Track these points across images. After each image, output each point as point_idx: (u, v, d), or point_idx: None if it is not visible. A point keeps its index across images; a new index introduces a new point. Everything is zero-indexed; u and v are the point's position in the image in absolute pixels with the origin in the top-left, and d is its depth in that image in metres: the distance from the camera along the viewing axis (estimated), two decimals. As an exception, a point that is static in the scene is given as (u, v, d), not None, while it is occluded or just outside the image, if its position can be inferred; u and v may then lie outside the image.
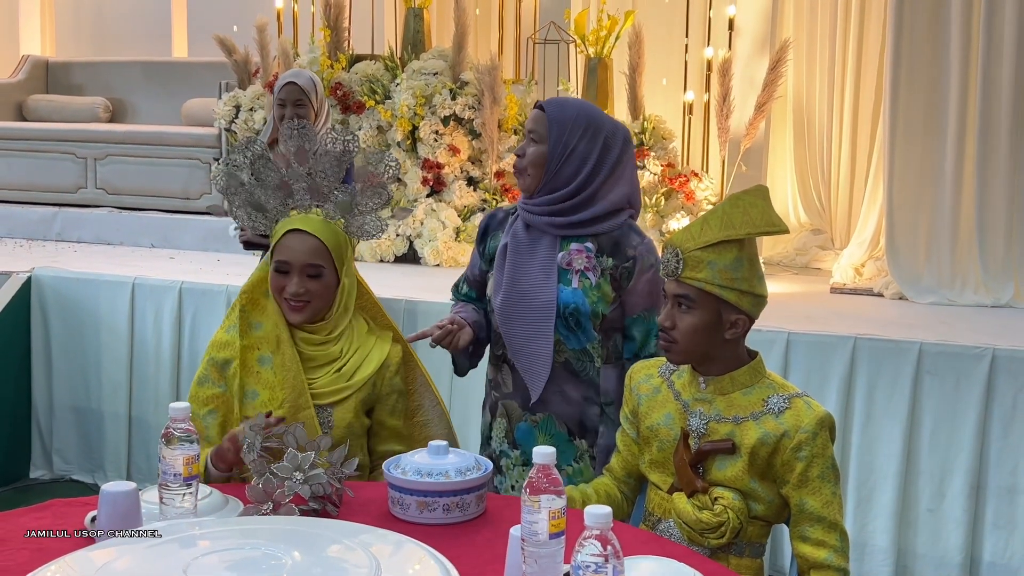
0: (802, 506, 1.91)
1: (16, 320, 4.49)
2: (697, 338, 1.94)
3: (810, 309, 4.21)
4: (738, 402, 1.95)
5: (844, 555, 1.91)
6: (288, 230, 2.22)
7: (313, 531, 1.59)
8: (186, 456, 1.74)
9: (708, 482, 1.95)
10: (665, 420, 2.02)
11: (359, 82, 5.28)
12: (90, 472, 4.52)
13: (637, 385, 2.10)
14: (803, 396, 1.96)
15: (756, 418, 1.93)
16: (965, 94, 4.37)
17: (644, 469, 2.08)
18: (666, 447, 2.01)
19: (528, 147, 2.38)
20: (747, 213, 1.95)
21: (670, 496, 2.00)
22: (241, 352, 2.23)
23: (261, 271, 2.32)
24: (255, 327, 2.26)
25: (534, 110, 2.41)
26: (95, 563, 1.46)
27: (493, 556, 1.68)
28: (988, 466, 3.42)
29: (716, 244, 1.92)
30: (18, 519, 1.89)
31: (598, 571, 1.28)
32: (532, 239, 2.39)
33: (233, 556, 1.45)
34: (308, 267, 2.20)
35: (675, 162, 5.07)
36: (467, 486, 1.90)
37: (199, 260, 5.11)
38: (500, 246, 2.43)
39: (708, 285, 1.91)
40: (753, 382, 1.97)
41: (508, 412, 2.44)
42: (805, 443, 1.89)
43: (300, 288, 2.19)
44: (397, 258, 5.10)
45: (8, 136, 6.22)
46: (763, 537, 2.00)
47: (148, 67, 6.78)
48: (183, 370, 4.29)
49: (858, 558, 3.53)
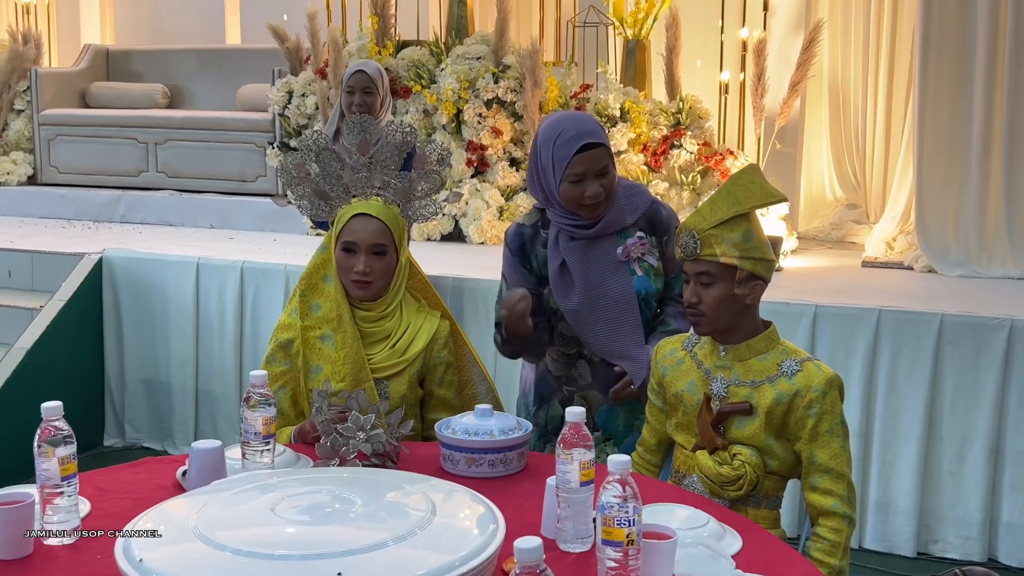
0: (812, 458, 2.09)
1: (89, 298, 4.77)
2: (723, 308, 2.12)
3: (840, 282, 4.37)
4: (755, 367, 2.15)
5: (850, 504, 2.09)
6: (354, 214, 2.45)
7: (375, 480, 1.82)
8: (265, 417, 1.99)
9: (728, 440, 2.15)
10: (689, 387, 2.22)
11: (405, 67, 5.48)
12: (159, 440, 4.82)
13: (663, 359, 2.29)
14: (814, 360, 2.15)
15: (772, 380, 2.12)
16: (993, 71, 4.48)
17: (671, 432, 2.28)
18: (690, 411, 2.21)
19: (604, 181, 2.47)
20: (748, 189, 2.14)
21: (693, 454, 2.20)
22: (302, 332, 2.47)
23: (317, 259, 2.55)
24: (314, 308, 2.50)
25: (588, 152, 2.43)
26: (190, 508, 1.70)
27: (532, 504, 1.92)
28: (1006, 431, 3.58)
29: (728, 220, 2.11)
30: (118, 473, 2.16)
31: (620, 509, 1.50)
32: (587, 245, 2.54)
33: (310, 499, 1.69)
34: (374, 246, 2.43)
35: (711, 141, 5.22)
36: (510, 444, 2.13)
37: (257, 240, 5.37)
38: (555, 265, 2.54)
39: (726, 257, 2.11)
40: (768, 348, 2.16)
41: (588, 400, 2.60)
42: (815, 401, 2.07)
43: (366, 267, 2.41)
44: (443, 237, 5.32)
45: (73, 123, 6.50)
46: (779, 491, 2.20)
47: (203, 54, 6.99)
48: (245, 344, 4.54)
49: (882, 518, 3.71)
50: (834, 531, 2.07)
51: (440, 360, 2.53)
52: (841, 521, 2.07)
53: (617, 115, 5.17)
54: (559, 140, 2.45)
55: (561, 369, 2.62)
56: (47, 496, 1.77)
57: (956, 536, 3.63)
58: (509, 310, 2.42)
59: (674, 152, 5.13)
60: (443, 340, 2.53)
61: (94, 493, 2.00)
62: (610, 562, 1.52)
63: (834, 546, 2.05)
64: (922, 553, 3.68)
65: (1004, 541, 3.61)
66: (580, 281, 2.52)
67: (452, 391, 2.56)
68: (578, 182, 2.45)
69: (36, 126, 6.56)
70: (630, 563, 1.51)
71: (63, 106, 6.67)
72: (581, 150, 2.43)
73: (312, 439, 2.24)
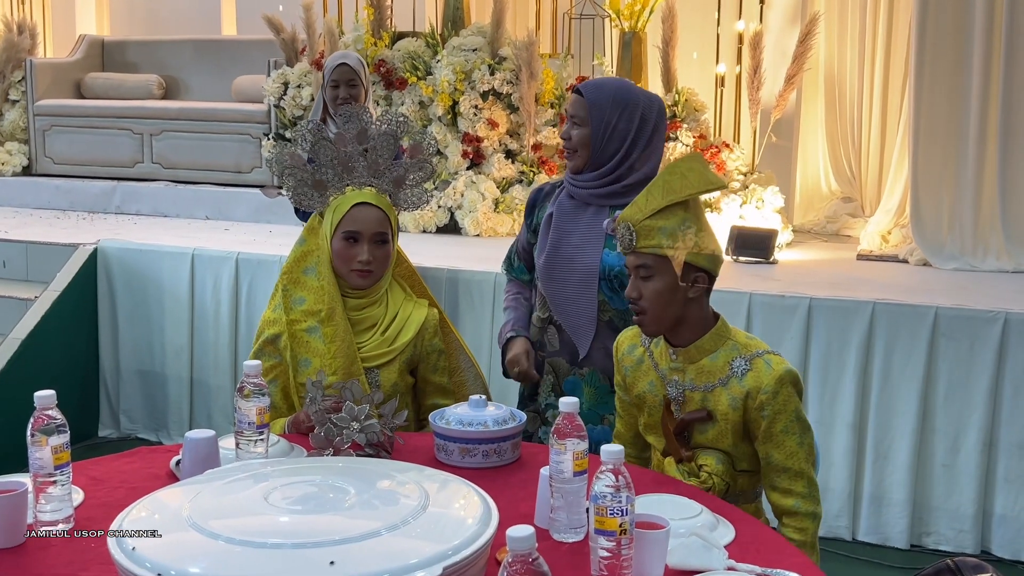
0: (768, 459, 2.05)
1: (84, 289, 4.77)
2: (663, 301, 2.03)
3: (835, 275, 4.37)
4: (707, 368, 2.07)
5: (811, 500, 2.05)
6: (354, 204, 2.45)
7: (369, 469, 1.82)
8: (258, 407, 1.99)
9: (694, 445, 2.09)
10: (650, 388, 2.16)
11: (401, 59, 5.48)
12: (154, 431, 4.82)
13: (623, 356, 2.23)
14: (764, 355, 2.05)
15: (724, 383, 2.05)
16: (989, 64, 4.48)
17: (642, 431, 2.23)
18: (655, 412, 2.15)
19: (572, 130, 2.57)
20: (685, 177, 2.04)
21: (664, 458, 2.17)
22: (288, 326, 2.47)
23: (297, 252, 2.54)
24: (297, 302, 2.49)
25: (573, 95, 2.59)
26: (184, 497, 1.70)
27: (526, 494, 1.92)
28: (1000, 424, 3.59)
29: (662, 210, 2.02)
30: (112, 463, 2.16)
31: (613, 499, 1.51)
32: (577, 208, 2.59)
33: (303, 488, 1.69)
34: (376, 235, 2.44)
35: (707, 133, 5.22)
36: (503, 435, 2.14)
37: (252, 231, 5.37)
38: (546, 216, 2.64)
39: (661, 249, 2.02)
40: (718, 346, 2.08)
41: (555, 368, 2.64)
42: (767, 403, 2.01)
43: (369, 256, 2.42)
44: (439, 228, 5.32)
45: (68, 113, 6.49)
46: (754, 485, 2.15)
47: (199, 45, 6.97)
48: (241, 335, 4.55)
49: (876, 510, 3.72)
50: (799, 530, 2.03)
51: (432, 348, 2.54)
52: (804, 519, 2.04)
53: (613, 107, 5.15)
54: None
55: (536, 334, 2.67)
56: (40, 485, 1.77)
57: (949, 528, 3.64)
58: (513, 374, 2.63)
59: (670, 145, 5.13)
60: (433, 328, 2.54)
61: (87, 482, 2.00)
62: (603, 551, 1.52)
63: (801, 544, 2.00)
64: (915, 545, 3.69)
65: (997, 533, 3.62)
66: (552, 241, 2.57)
67: (446, 377, 2.59)
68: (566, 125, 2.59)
69: (31, 116, 6.54)
70: (623, 552, 1.51)
71: (58, 96, 6.65)
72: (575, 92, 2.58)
73: (306, 429, 2.24)
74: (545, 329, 2.65)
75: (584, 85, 2.59)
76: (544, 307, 2.65)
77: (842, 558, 3.61)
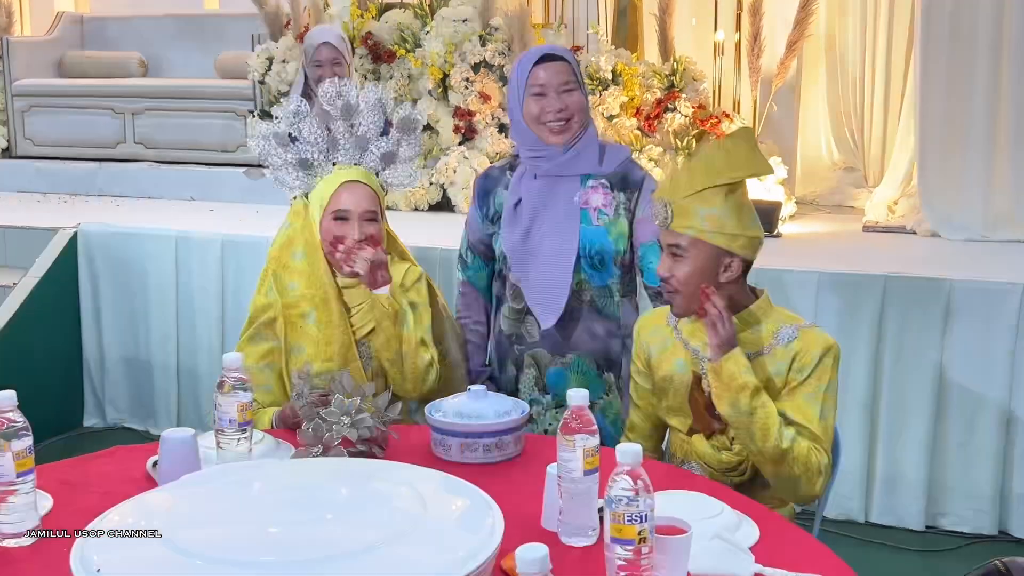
0: (783, 414, 1.94)
1: (64, 274, 4.60)
2: (694, 284, 1.97)
3: (842, 248, 4.24)
4: (747, 340, 1.99)
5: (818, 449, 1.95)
6: (342, 183, 2.33)
7: (362, 470, 1.68)
8: (240, 403, 1.84)
9: (725, 421, 2.00)
10: (678, 368, 2.07)
11: (389, 31, 5.31)
12: (142, 420, 4.66)
13: (647, 338, 2.15)
14: (812, 327, 2.01)
15: (768, 351, 1.98)
16: (999, 27, 4.32)
17: (663, 415, 2.14)
18: (681, 393, 2.07)
19: (567, 98, 2.42)
20: (730, 156, 1.97)
21: (690, 438, 2.07)
22: (284, 310, 2.35)
23: (283, 236, 2.43)
24: (290, 287, 2.37)
25: (552, 63, 2.42)
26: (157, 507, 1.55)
27: (531, 493, 1.77)
28: (1018, 400, 3.45)
29: (702, 191, 1.95)
30: (85, 465, 2.02)
31: (630, 504, 1.36)
32: (549, 187, 2.46)
33: (290, 496, 1.55)
34: (366, 213, 2.33)
35: (706, 103, 5.06)
36: (505, 427, 1.99)
37: (239, 212, 5.20)
38: (511, 203, 2.49)
39: (697, 232, 1.96)
40: (763, 319, 2.02)
41: (537, 360, 2.51)
42: (807, 365, 1.96)
43: (361, 234, 2.30)
44: (431, 206, 5.16)
45: (48, 93, 6.31)
46: None
47: (180, 21, 6.81)
48: (228, 320, 4.39)
49: (890, 491, 3.60)
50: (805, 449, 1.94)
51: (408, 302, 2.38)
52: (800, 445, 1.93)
53: (609, 78, 4.99)
54: (524, 58, 2.47)
55: (511, 327, 2.54)
56: (1, 495, 1.62)
57: (966, 509, 3.52)
58: None
59: (668, 116, 4.97)
60: (410, 284, 2.41)
61: (57, 487, 1.86)
62: (620, 561, 1.38)
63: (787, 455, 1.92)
64: (931, 527, 3.57)
65: (1016, 513, 3.49)
66: (527, 217, 2.45)
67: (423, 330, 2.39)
68: (540, 95, 2.41)
69: (9, 97, 6.35)
70: (642, 562, 1.37)
71: (37, 76, 6.46)
72: (541, 60, 2.42)
73: (293, 424, 2.11)
74: (522, 320, 2.52)
75: (555, 49, 2.47)
76: (517, 297, 2.50)
77: (855, 541, 3.48)
